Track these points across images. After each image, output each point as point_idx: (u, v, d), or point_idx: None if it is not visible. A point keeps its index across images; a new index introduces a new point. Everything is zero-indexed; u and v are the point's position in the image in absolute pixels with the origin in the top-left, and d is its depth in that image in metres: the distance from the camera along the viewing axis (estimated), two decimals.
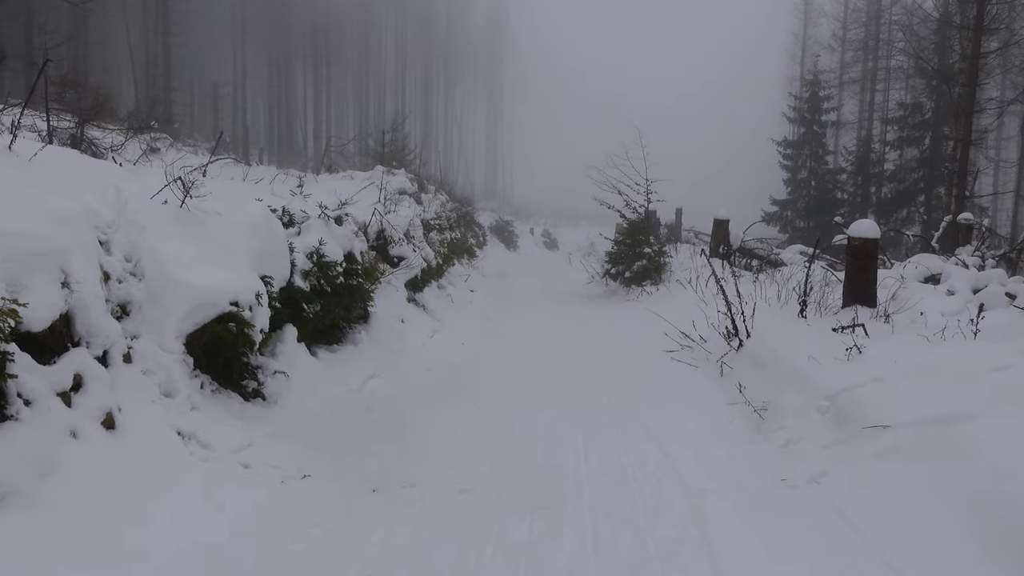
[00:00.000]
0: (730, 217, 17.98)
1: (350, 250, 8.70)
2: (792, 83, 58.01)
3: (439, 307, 13.15)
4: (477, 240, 30.51)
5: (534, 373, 8.74)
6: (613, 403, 7.06)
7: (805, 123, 34.79)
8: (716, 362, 8.18)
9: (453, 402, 7.17)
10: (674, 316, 12.04)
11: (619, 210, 18.56)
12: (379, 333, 9.32)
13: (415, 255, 11.79)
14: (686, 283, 14.90)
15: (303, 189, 12.80)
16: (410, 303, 11.77)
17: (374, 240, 11.35)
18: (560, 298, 17.91)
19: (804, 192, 34.17)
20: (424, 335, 10.75)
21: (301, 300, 7.11)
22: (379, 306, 9.86)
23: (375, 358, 8.47)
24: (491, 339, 11.52)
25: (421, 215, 14.74)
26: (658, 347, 9.87)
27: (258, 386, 5.88)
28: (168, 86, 32.24)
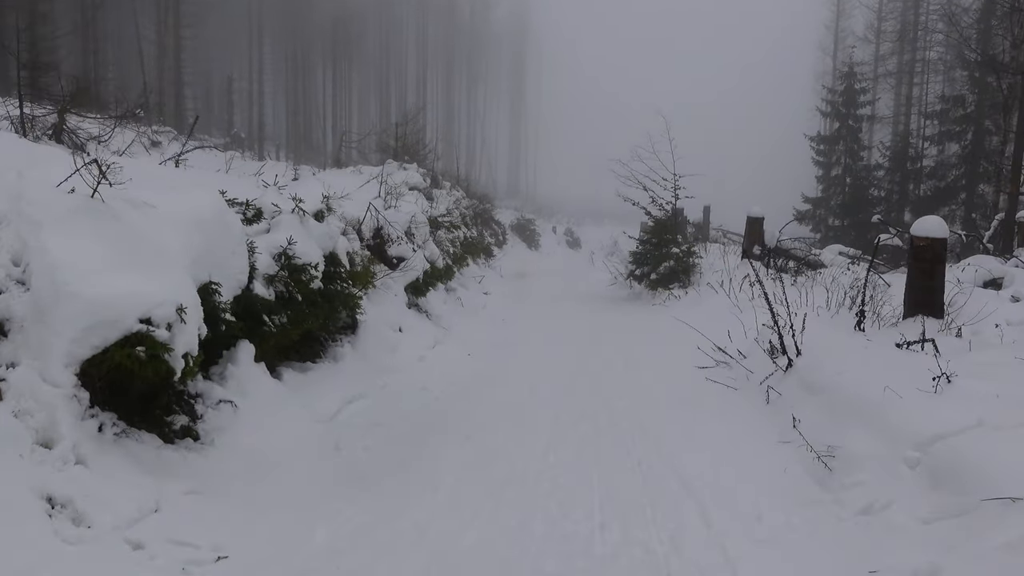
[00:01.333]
0: (764, 215, 16.62)
1: (332, 250, 7.50)
2: (824, 78, 56.26)
3: (446, 312, 11.94)
4: (496, 239, 29.32)
5: (545, 395, 7.49)
6: (638, 439, 5.79)
7: (840, 117, 33.22)
8: (760, 384, 6.89)
9: (445, 436, 5.94)
10: (706, 324, 10.75)
11: (644, 207, 17.21)
12: (368, 346, 8.11)
13: (416, 255, 10.58)
14: (717, 286, 13.60)
15: (297, 182, 11.66)
16: (411, 309, 10.56)
17: (371, 239, 10.17)
18: (581, 301, 16.63)
19: (838, 189, 32.62)
20: (424, 346, 9.54)
21: (262, 310, 5.91)
22: (370, 314, 8.66)
23: (360, 376, 7.26)
24: (501, 350, 10.28)
25: (429, 212, 13.53)
26: (690, 362, 8.60)
27: (190, 423, 4.69)
28: (179, 80, 31.25)
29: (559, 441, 5.73)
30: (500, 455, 5.41)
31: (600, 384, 7.95)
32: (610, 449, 5.52)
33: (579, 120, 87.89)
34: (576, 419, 6.45)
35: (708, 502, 4.37)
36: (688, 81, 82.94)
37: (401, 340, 9.10)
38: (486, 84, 76.51)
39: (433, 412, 6.74)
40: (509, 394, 7.52)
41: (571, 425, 6.23)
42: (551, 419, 6.44)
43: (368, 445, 5.59)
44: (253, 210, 6.52)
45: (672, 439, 5.70)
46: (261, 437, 5.00)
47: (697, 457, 5.22)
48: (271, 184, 7.47)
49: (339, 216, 8.95)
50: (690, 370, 8.30)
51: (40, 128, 11.25)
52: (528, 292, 18.78)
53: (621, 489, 4.63)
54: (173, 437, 4.50)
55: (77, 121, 12.08)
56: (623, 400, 7.17)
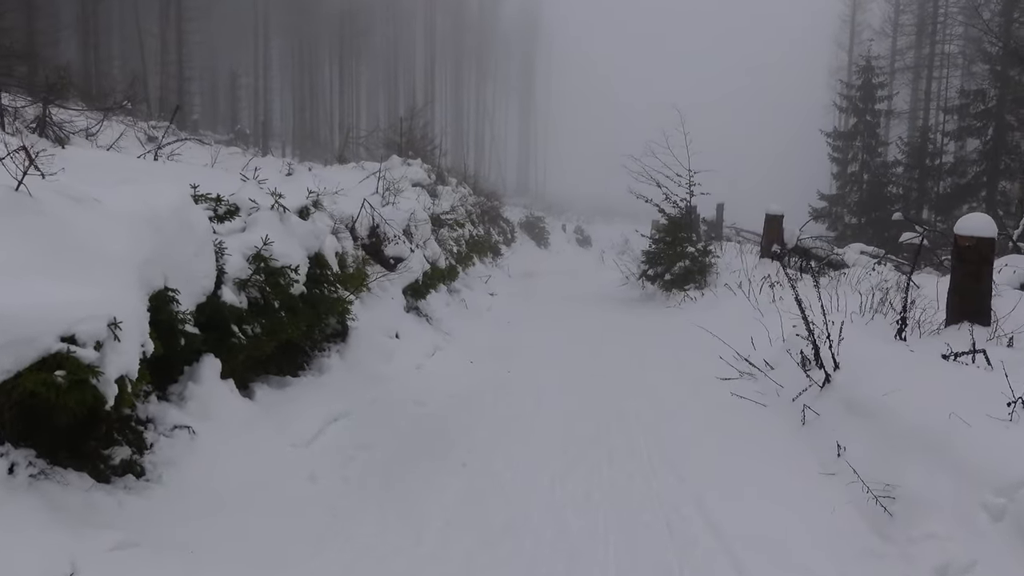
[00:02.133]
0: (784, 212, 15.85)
1: (318, 250, 6.80)
2: (839, 73, 55.38)
3: (448, 315, 11.23)
4: (504, 237, 28.62)
5: (552, 410, 6.78)
6: (657, 468, 5.07)
7: (857, 112, 32.37)
8: (792, 401, 6.16)
9: (438, 462, 5.23)
10: (725, 329, 10.01)
11: (657, 204, 16.43)
12: (359, 355, 7.41)
13: (415, 255, 9.87)
14: (735, 287, 12.85)
15: (291, 178, 10.98)
16: (409, 312, 9.86)
17: (366, 238, 9.47)
18: (591, 302, 15.90)
19: (856, 186, 31.77)
20: (423, 353, 8.83)
21: (231, 319, 5.22)
22: (363, 319, 7.96)
23: (348, 390, 6.56)
24: (506, 356, 9.56)
25: (431, 209, 12.82)
26: (711, 372, 7.88)
27: (133, 455, 3.99)
28: (181, 75, 30.62)
29: (567, 470, 5.01)
30: (499, 488, 4.70)
31: (612, 397, 7.23)
32: (626, 482, 4.80)
33: (589, 118, 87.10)
34: (587, 442, 5.73)
35: (744, 554, 3.65)
36: (699, 78, 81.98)
37: (397, 347, 8.40)
38: (495, 81, 75.81)
39: (427, 431, 6.03)
40: (512, 409, 6.81)
41: (581, 449, 5.51)
42: (558, 441, 5.72)
43: (349, 475, 4.89)
44: (226, 206, 5.81)
45: (697, 469, 4.97)
46: (221, 469, 4.30)
47: (728, 493, 4.50)
48: (251, 178, 6.77)
49: (329, 214, 8.26)
50: (712, 382, 7.57)
51: (22, 121, 10.62)
52: (536, 292, 18.07)
53: (640, 539, 3.91)
54: (110, 474, 3.80)
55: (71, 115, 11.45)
56: (639, 418, 6.44)
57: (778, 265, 14.95)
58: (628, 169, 16.94)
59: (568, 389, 7.62)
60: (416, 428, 6.10)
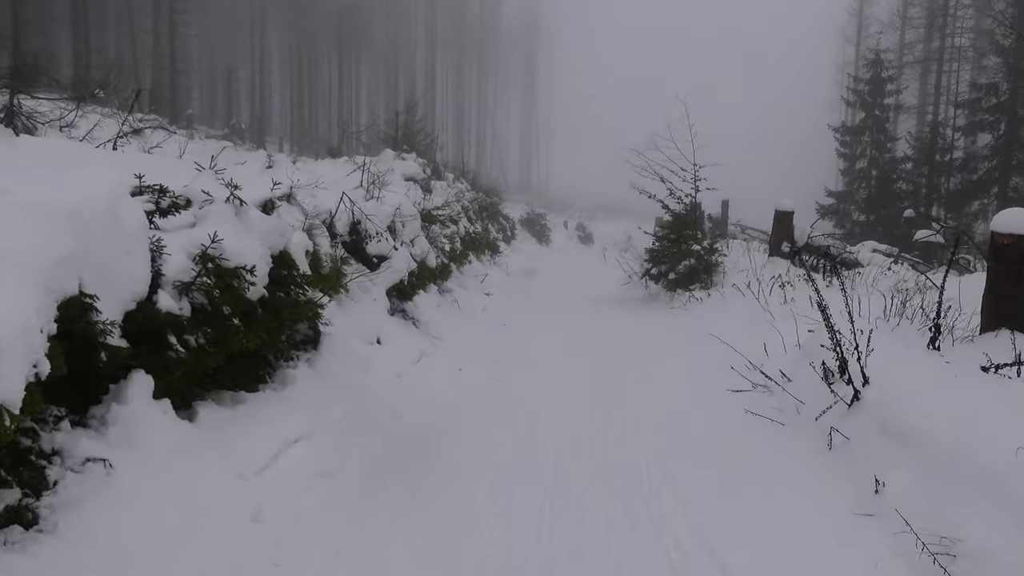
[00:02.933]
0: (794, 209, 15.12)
1: (283, 248, 6.08)
2: (846, 68, 54.58)
3: (438, 318, 10.51)
4: (504, 234, 27.90)
5: (545, 428, 6.06)
6: (667, 506, 4.33)
7: (865, 107, 31.57)
8: (816, 420, 5.44)
9: (407, 494, 4.52)
10: (734, 334, 9.30)
11: (661, 200, 15.66)
12: (332, 364, 6.69)
13: (400, 253, 9.15)
14: (744, 288, 12.14)
15: (271, 170, 10.28)
16: (394, 315, 9.14)
17: (347, 235, 8.74)
18: (592, 302, 15.19)
19: (864, 183, 30.99)
20: (406, 360, 8.11)
21: (168, 329, 4.50)
22: (339, 323, 7.25)
23: (316, 405, 5.84)
24: (499, 363, 8.84)
25: (421, 204, 12.10)
26: (721, 383, 7.17)
27: (25, 498, 3.28)
28: (174, 68, 29.90)
29: (559, 510, 4.29)
30: (475, 531, 3.99)
31: (613, 413, 6.50)
32: (628, 525, 4.08)
33: (591, 115, 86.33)
34: (583, 470, 5.01)
35: None
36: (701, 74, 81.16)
37: (377, 354, 7.68)
38: (496, 79, 75.08)
39: (400, 453, 5.31)
40: (500, 426, 6.08)
41: (576, 480, 4.79)
42: (550, 470, 5.00)
43: (302, 510, 4.17)
44: (171, 199, 5.08)
45: (711, 508, 4.24)
46: (139, 511, 3.58)
47: (744, 536, 3.77)
48: (207, 168, 6.05)
49: (302, 208, 7.54)
50: (723, 395, 6.86)
51: None
52: (535, 291, 17.35)
53: None
54: None
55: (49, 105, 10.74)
56: (642, 439, 5.72)
57: (788, 264, 14.23)
58: (631, 163, 16.20)
59: (563, 404, 6.90)
60: (390, 449, 5.38)
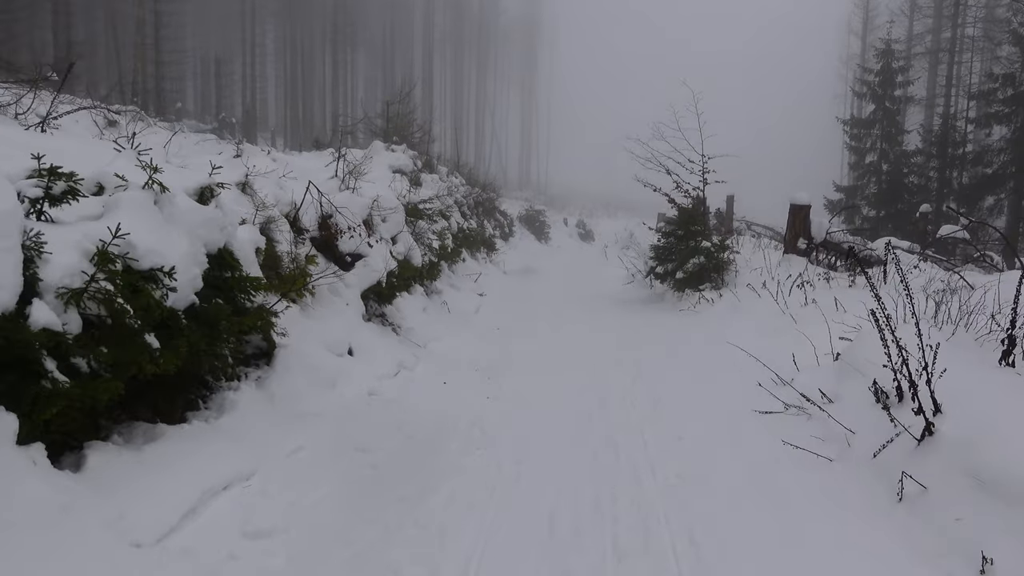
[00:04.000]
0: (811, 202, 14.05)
1: (224, 245, 5.02)
2: (851, 61, 53.45)
3: (423, 323, 9.47)
4: (502, 231, 26.85)
5: (536, 467, 5.01)
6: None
7: (875, 99, 30.43)
8: (874, 457, 4.38)
9: (363, 565, 3.47)
10: (753, 340, 8.26)
11: (667, 194, 14.56)
12: (288, 382, 5.64)
13: (377, 250, 8.08)
14: (759, 287, 11.08)
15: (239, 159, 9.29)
16: (371, 321, 8.08)
17: (316, 230, 7.68)
18: (593, 303, 14.14)
19: (875, 177, 29.87)
20: (382, 373, 7.06)
21: (43, 351, 3.44)
22: (299, 333, 6.20)
23: (262, 436, 4.79)
24: (489, 376, 7.81)
25: (406, 197, 11.04)
26: (745, 401, 6.12)
27: None
28: (158, 58, 28.77)
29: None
30: None
31: (622, 447, 5.43)
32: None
33: (593, 110, 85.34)
34: (582, 523, 3.96)
35: None
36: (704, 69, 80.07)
37: (347, 368, 6.62)
38: (496, 74, 73.90)
39: (357, 503, 4.26)
40: (485, 468, 5.01)
41: (572, 540, 3.74)
42: (542, 538, 3.93)
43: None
44: (68, 183, 4.01)
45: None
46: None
47: None
48: (129, 148, 4.99)
49: (261, 199, 6.48)
50: (749, 416, 5.80)
51: None
52: (533, 291, 16.30)
53: None
54: None
55: None
56: (655, 480, 4.66)
57: (806, 261, 13.18)
58: (633, 154, 15.10)
59: (561, 431, 5.84)
60: (340, 500, 4.32)
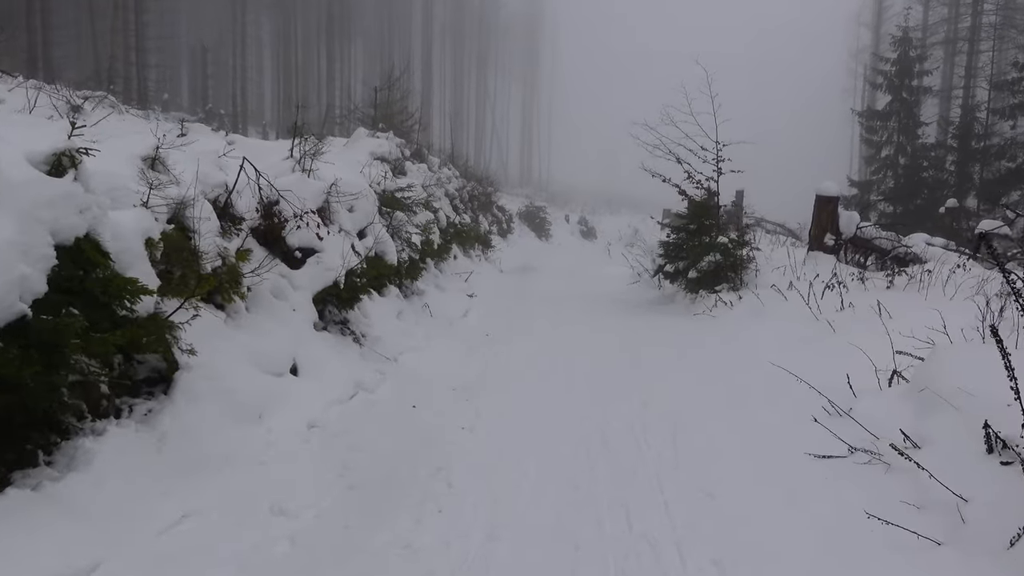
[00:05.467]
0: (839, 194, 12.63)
1: (87, 234, 3.61)
2: (861, 54, 51.95)
3: (396, 330, 8.05)
4: (499, 227, 25.46)
5: (516, 536, 3.59)
6: None
7: (892, 90, 28.94)
8: (1009, 547, 2.97)
9: None
10: (784, 351, 6.86)
11: (677, 184, 13.05)
12: (190, 416, 4.22)
13: (332, 242, 6.65)
14: (784, 289, 9.65)
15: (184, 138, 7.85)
16: (326, 330, 6.66)
17: (259, 219, 6.26)
18: (596, 305, 12.69)
19: (892, 171, 28.40)
20: (333, 396, 5.64)
21: None
22: (220, 349, 4.78)
23: (128, 499, 3.39)
24: (468, 397, 6.40)
25: (381, 184, 9.60)
26: (789, 436, 4.71)
27: None
28: (139, 46, 27.35)
29: None
30: None
31: (628, 501, 4.00)
32: None
33: (595, 108, 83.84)
34: None
35: None
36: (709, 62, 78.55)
37: (283, 392, 5.20)
38: (496, 69, 72.40)
39: None
40: (442, 544, 3.60)
41: None
42: None
43: None
44: None
45: None
46: None
47: None
48: None
49: (172, 177, 5.07)
50: (801, 461, 4.38)
51: None
52: (530, 292, 14.87)
53: None
54: None
55: None
56: (685, 570, 3.24)
57: (834, 259, 11.76)
58: (640, 141, 13.60)
59: (553, 473, 4.42)
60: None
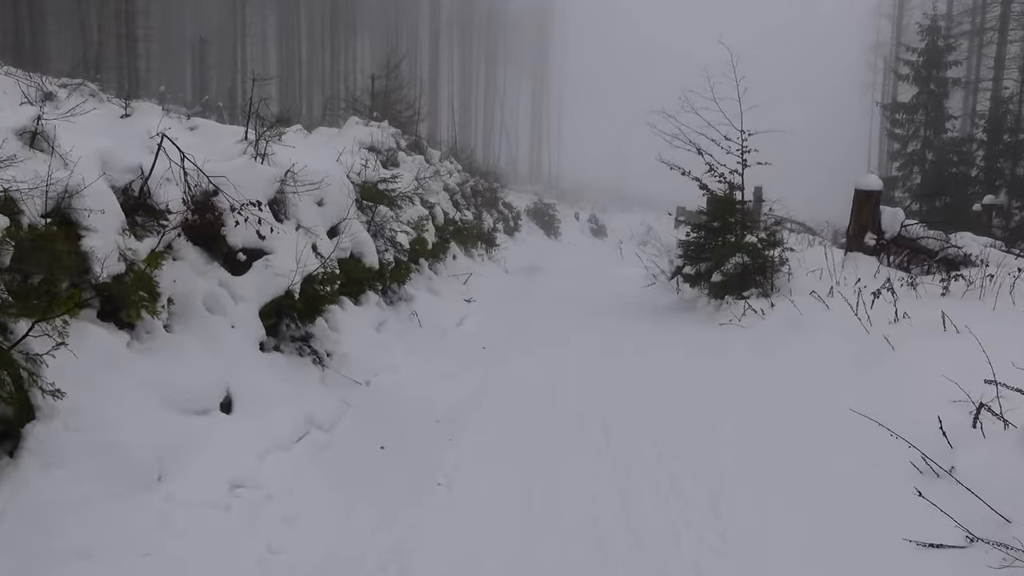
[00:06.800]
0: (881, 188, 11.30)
1: None
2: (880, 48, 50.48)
3: (373, 346, 6.79)
4: (505, 224, 24.19)
5: None
6: None
7: (920, 81, 27.49)
8: None
9: None
10: (834, 372, 5.61)
11: (698, 178, 11.68)
12: (39, 489, 2.96)
13: (285, 241, 5.37)
14: (824, 295, 8.33)
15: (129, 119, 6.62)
16: (278, 350, 5.40)
17: (187, 212, 5.00)
18: (608, 312, 11.38)
19: (919, 167, 26.98)
20: (273, 441, 4.39)
21: None
22: (112, 385, 3.53)
23: None
24: (449, 437, 5.14)
25: (361, 174, 8.32)
26: (866, 505, 3.43)
27: None
28: (130, 34, 26.16)
29: None
30: None
31: None
32: None
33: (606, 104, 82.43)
34: None
35: None
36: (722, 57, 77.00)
37: (197, 441, 3.93)
38: (506, 63, 71.02)
39: None
40: None
41: None
42: None
43: None
44: None
45: None
46: None
47: None
48: None
49: (58, 156, 3.82)
50: (892, 548, 3.11)
51: None
52: (536, 295, 13.60)
53: None
54: None
55: None
56: None
57: (876, 261, 10.45)
58: (658, 131, 12.23)
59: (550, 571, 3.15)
60: None
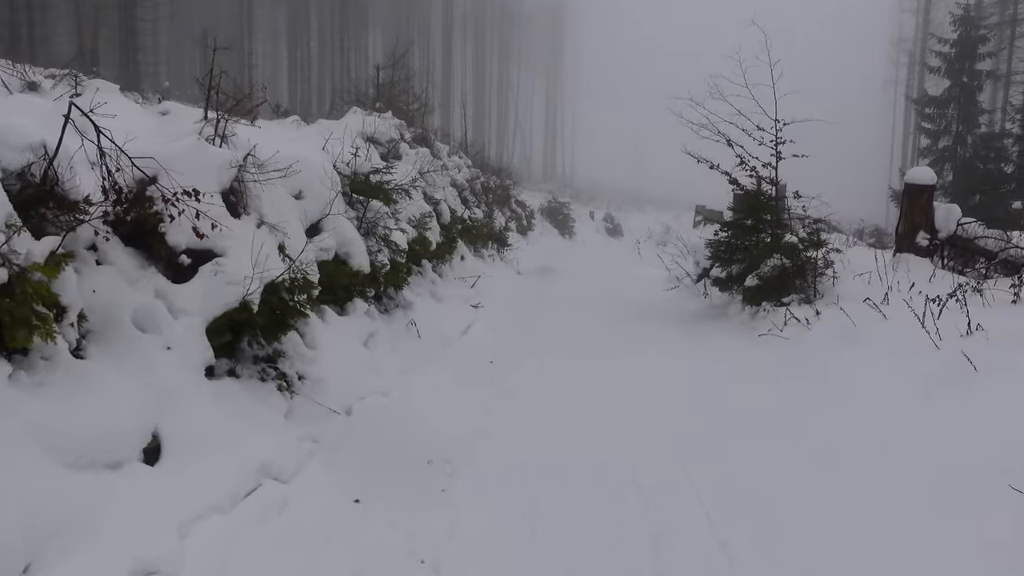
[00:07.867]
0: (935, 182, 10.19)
1: None
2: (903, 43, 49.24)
3: (359, 363, 5.76)
4: (518, 223, 23.20)
5: None
6: None
7: (952, 74, 26.27)
8: None
9: None
10: (906, 399, 4.56)
11: (727, 172, 10.56)
12: None
13: (238, 241, 4.33)
14: (880, 302, 7.21)
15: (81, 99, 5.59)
16: (233, 376, 4.38)
17: (110, 204, 3.96)
18: (629, 319, 10.31)
19: (950, 163, 25.77)
20: (213, 499, 3.38)
21: None
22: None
23: None
24: (443, 488, 4.09)
25: (351, 164, 7.28)
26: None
27: None
28: (127, 26, 25.29)
29: None
30: None
31: None
32: None
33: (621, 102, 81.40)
34: None
35: None
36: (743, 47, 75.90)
37: (94, 509, 2.91)
38: (519, 61, 70.09)
39: None
40: None
41: None
42: None
43: None
44: None
45: None
46: None
47: None
48: None
49: None
50: None
51: None
52: (550, 298, 12.58)
53: None
54: None
55: None
56: None
57: (929, 264, 9.34)
58: (685, 120, 11.10)
59: None
60: None
